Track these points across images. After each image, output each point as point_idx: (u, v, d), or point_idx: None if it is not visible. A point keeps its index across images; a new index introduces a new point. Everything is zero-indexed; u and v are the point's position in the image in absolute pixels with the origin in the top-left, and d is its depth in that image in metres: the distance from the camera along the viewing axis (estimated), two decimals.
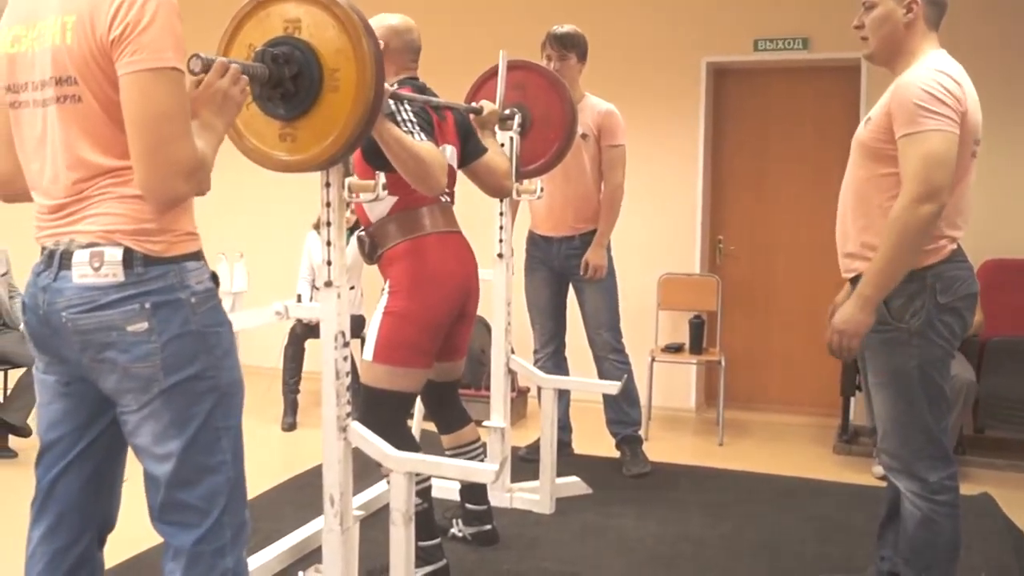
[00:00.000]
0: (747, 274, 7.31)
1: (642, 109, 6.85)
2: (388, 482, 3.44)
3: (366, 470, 4.23)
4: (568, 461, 5.39)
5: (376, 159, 3.59)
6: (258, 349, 7.02)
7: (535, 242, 5.67)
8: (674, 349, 6.70)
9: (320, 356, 3.35)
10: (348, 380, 3.36)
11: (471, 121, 4.09)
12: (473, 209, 4.07)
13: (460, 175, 4.06)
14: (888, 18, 3.24)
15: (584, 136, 5.31)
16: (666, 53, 7.10)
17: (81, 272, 2.25)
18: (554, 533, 4.53)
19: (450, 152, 3.89)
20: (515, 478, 4.97)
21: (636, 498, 5.05)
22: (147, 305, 2.25)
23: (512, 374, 4.92)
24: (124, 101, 2.18)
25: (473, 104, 4.19)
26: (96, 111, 2.23)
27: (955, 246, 3.22)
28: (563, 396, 5.67)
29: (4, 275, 6.16)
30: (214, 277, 2.43)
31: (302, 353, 6.70)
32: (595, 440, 5.78)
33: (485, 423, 4.79)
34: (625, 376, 5.37)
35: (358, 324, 6.54)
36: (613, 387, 4.99)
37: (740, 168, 7.32)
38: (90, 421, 2.46)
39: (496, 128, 4.28)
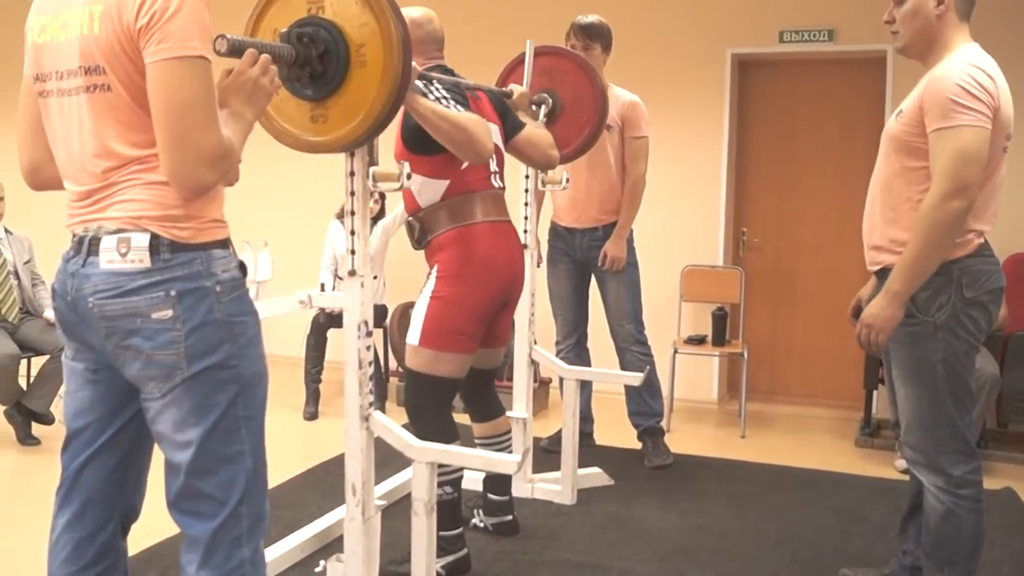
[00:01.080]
0: (770, 266, 7.29)
1: (666, 101, 6.83)
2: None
3: (388, 459, 4.24)
4: (590, 452, 5.40)
5: (419, 145, 3.60)
6: (281, 338, 7.04)
7: (558, 233, 5.66)
8: (697, 341, 6.68)
9: (343, 345, 3.36)
10: (370, 370, 3.37)
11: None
12: None
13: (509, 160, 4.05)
14: (919, 11, 3.21)
15: (608, 127, 5.27)
16: (691, 44, 7.07)
17: (108, 258, 2.25)
18: (575, 524, 4.53)
19: (494, 131, 3.87)
20: (537, 469, 4.97)
21: (658, 489, 5.05)
22: (172, 292, 2.25)
23: (534, 365, 4.93)
24: (150, 90, 2.18)
25: (503, 89, 4.18)
26: (125, 100, 2.24)
27: (982, 240, 3.20)
28: (585, 387, 5.67)
29: (27, 263, 6.20)
30: (241, 266, 2.42)
31: (324, 342, 6.73)
32: (617, 431, 5.78)
33: (507, 413, 4.79)
34: (648, 368, 5.37)
35: (380, 314, 6.58)
36: (636, 378, 4.98)
37: (764, 160, 7.29)
38: (117, 409, 2.46)
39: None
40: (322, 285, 6.52)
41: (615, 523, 4.55)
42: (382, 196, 6.91)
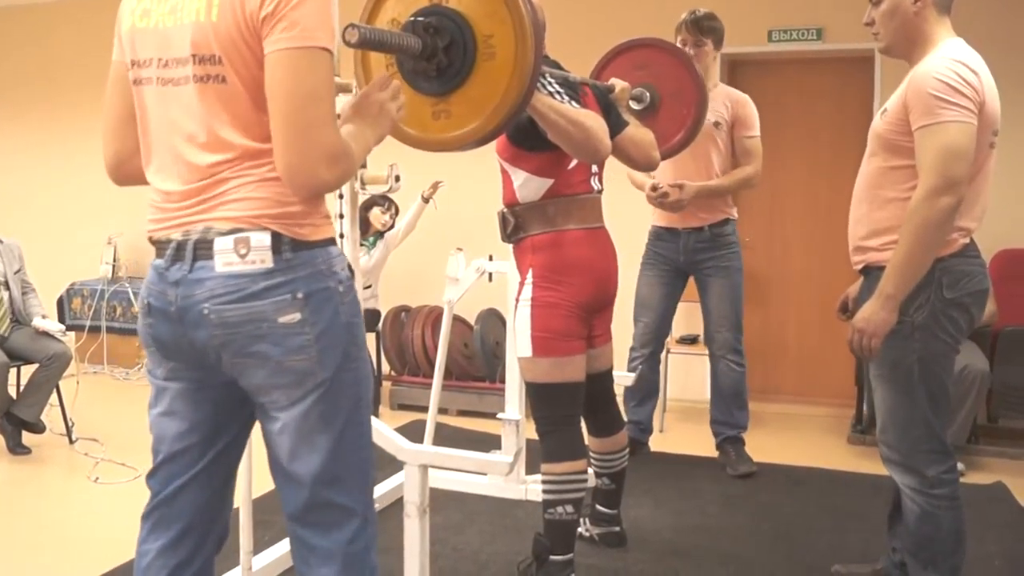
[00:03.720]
0: (762, 266, 7.29)
1: None
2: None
3: (380, 463, 4.23)
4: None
5: (526, 141, 3.52)
6: None
7: (660, 236, 5.50)
8: (689, 341, 6.69)
9: None
10: None
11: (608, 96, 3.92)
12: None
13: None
14: (896, 10, 3.19)
15: (717, 124, 5.20)
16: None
17: (226, 260, 2.14)
18: None
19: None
20: (530, 470, 4.96)
21: (652, 489, 5.04)
22: (299, 295, 2.15)
23: None
24: (270, 79, 2.08)
25: (606, 84, 4.03)
26: (240, 93, 2.13)
27: (967, 240, 3.18)
28: (651, 398, 5.68)
29: (17, 272, 6.17)
30: (349, 265, 2.35)
31: None
32: None
33: (499, 415, 4.79)
34: (738, 379, 5.43)
35: (373, 318, 6.58)
36: (628, 378, 4.98)
37: None
38: (221, 428, 2.38)
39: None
40: None
41: None
42: (396, 212, 6.90)
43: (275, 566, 3.89)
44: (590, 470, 3.98)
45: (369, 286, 6.75)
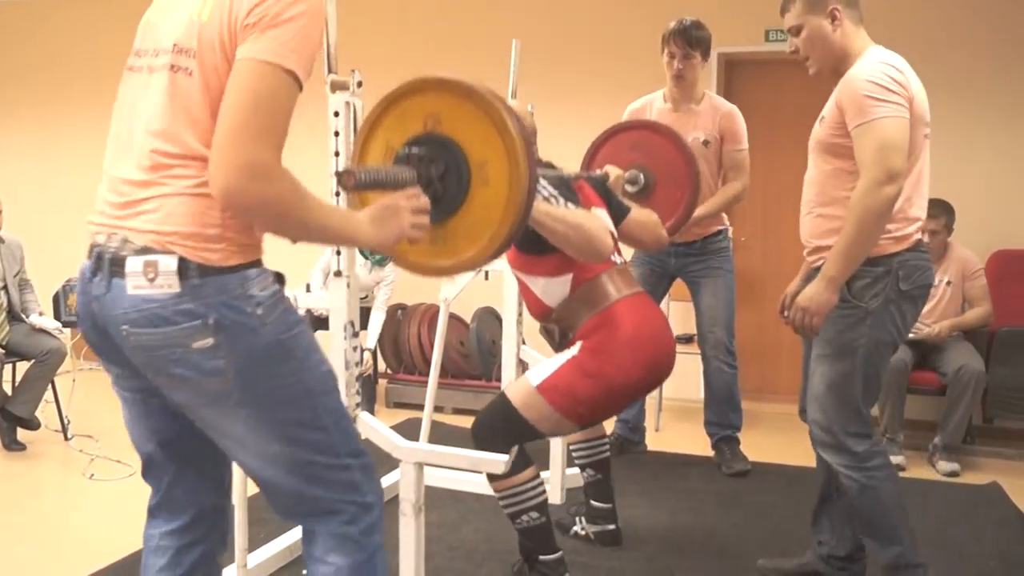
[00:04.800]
0: (758, 265, 7.30)
1: None
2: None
3: (377, 460, 4.23)
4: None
5: (535, 247, 3.46)
6: None
7: None
8: (684, 340, 6.68)
9: (329, 347, 3.34)
10: (357, 370, 3.37)
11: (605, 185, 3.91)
12: None
13: None
14: (817, 34, 3.44)
15: (706, 143, 5.21)
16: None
17: (135, 283, 2.08)
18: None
19: (603, 215, 3.68)
20: None
21: (647, 489, 5.05)
22: (210, 320, 2.07)
23: (523, 365, 4.90)
24: (228, 83, 2.04)
25: (598, 172, 4.06)
26: (199, 91, 2.10)
27: (919, 236, 3.34)
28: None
29: (16, 275, 6.16)
30: (279, 277, 2.25)
31: None
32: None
33: None
34: (730, 380, 5.45)
35: (363, 315, 6.56)
36: None
37: (751, 159, 7.27)
38: (181, 434, 2.37)
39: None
40: (307, 285, 6.49)
41: None
42: None
43: (270, 563, 3.89)
44: (577, 470, 3.98)
45: (365, 296, 6.75)
